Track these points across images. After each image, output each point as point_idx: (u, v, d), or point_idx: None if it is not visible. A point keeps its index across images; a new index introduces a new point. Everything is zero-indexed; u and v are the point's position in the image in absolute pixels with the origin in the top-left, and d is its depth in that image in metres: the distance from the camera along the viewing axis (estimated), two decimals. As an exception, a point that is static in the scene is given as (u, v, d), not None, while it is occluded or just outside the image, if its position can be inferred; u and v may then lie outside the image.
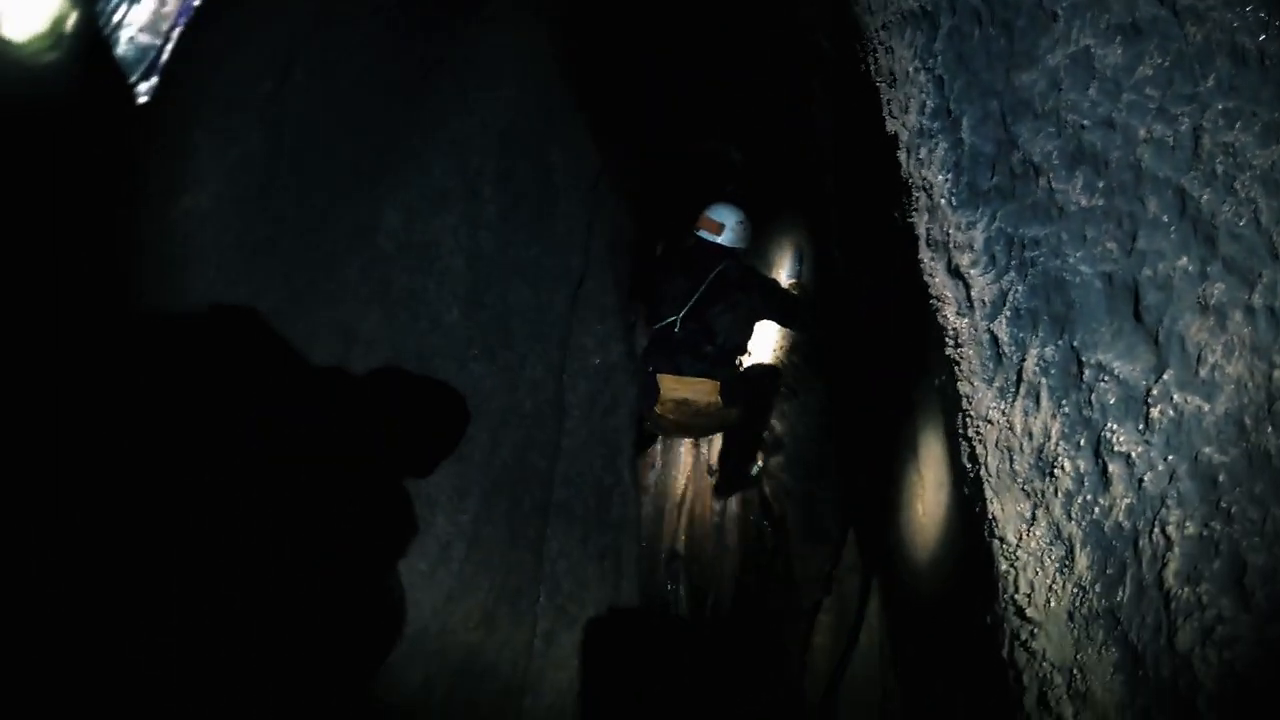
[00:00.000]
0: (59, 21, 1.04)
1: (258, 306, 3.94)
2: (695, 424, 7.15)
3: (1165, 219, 2.06)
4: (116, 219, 3.65)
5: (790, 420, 7.35)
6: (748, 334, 6.96)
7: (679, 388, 6.77)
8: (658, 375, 6.74)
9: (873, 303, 4.65)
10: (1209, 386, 1.90)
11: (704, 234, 6.85)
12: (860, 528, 5.67)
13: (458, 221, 4.69)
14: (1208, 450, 1.87)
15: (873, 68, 3.24)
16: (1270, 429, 1.78)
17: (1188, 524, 1.89)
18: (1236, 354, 1.86)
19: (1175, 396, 1.95)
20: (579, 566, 5.08)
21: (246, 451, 3.68)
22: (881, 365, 4.65)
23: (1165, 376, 1.98)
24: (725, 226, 6.84)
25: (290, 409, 3.91)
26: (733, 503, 7.99)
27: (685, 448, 9.01)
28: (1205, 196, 1.98)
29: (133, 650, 3.15)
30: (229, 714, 3.41)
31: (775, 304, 6.88)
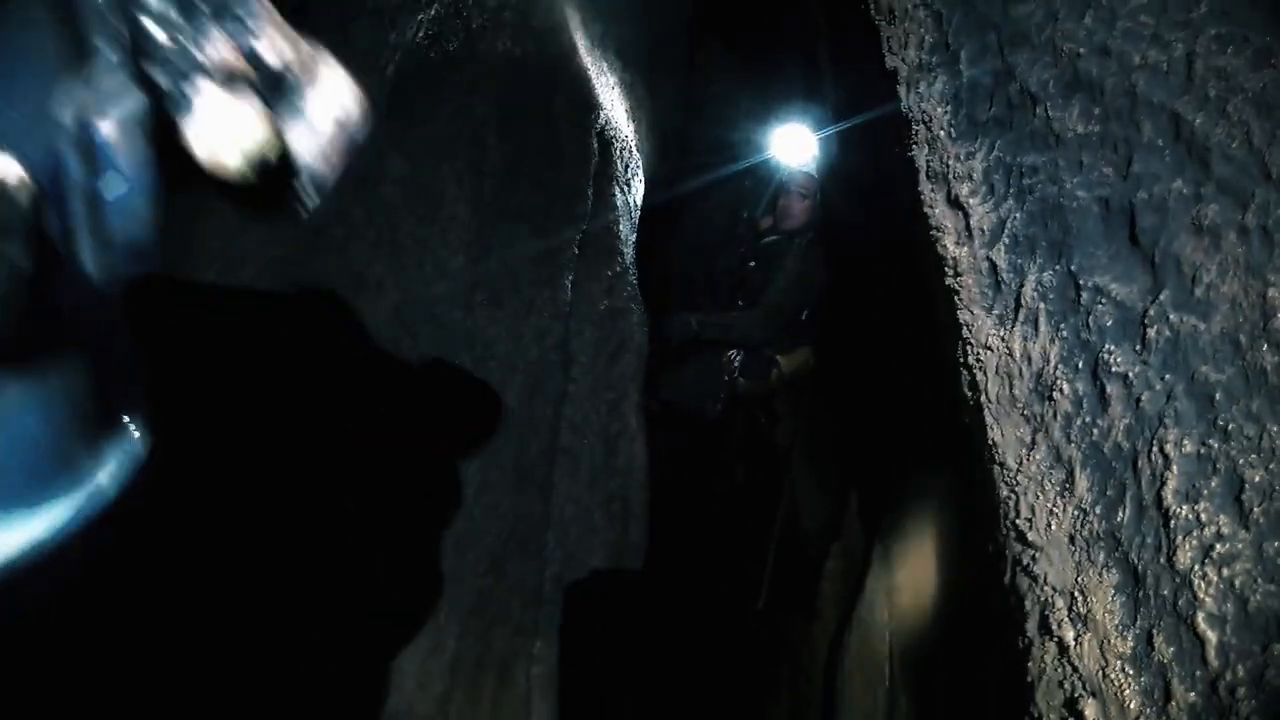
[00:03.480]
0: (267, 149, 1.08)
1: (270, 253, 3.95)
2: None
3: (1160, 143, 2.07)
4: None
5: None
6: None
7: (795, 361, 7.19)
8: (777, 357, 7.14)
9: (869, 241, 4.67)
10: (1205, 306, 1.91)
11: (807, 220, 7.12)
12: (863, 476, 5.69)
13: (463, 168, 4.68)
14: (1204, 369, 1.89)
15: (873, 6, 3.25)
16: (1265, 346, 1.79)
17: (1185, 442, 1.90)
18: (1231, 273, 1.87)
19: (1171, 316, 1.96)
20: (587, 513, 5.10)
21: (254, 400, 3.69)
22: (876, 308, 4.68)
23: (1161, 297, 1.99)
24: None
25: (299, 356, 3.92)
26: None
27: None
28: (1199, 120, 1.99)
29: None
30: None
31: None
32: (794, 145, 7.65)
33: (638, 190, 6.32)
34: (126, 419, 1.32)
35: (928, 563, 4.08)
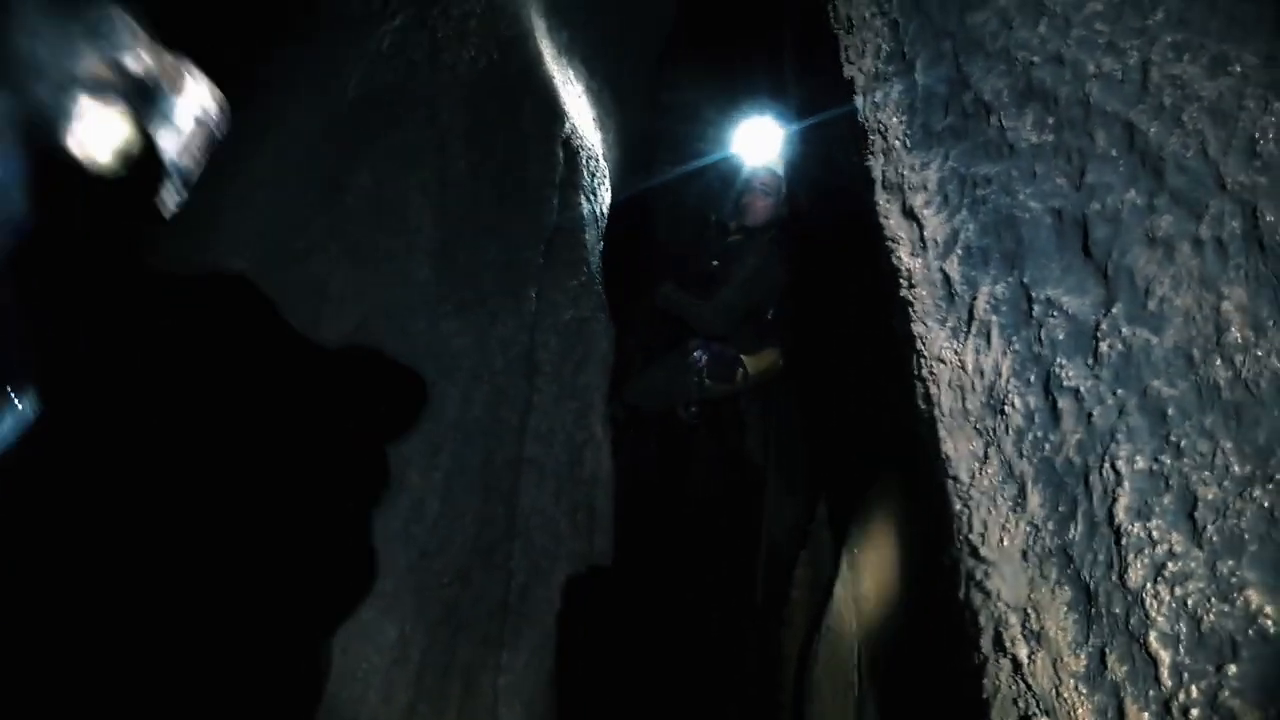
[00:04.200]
0: (130, 146, 1.31)
1: (231, 266, 3.93)
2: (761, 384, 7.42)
3: (1114, 153, 2.06)
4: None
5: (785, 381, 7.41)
6: None
7: (762, 362, 7.17)
8: (743, 356, 7.10)
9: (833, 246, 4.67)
10: (1157, 319, 1.89)
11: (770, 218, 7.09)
12: (832, 479, 5.69)
13: (428, 178, 4.66)
14: (1156, 383, 1.87)
15: (832, 15, 3.23)
16: (1219, 361, 1.77)
17: (1137, 458, 1.88)
18: (1185, 286, 1.85)
19: (1124, 330, 1.94)
20: (552, 522, 5.08)
21: (215, 411, 3.67)
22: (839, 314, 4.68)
23: (1114, 310, 1.97)
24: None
25: (261, 368, 3.90)
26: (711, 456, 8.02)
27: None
28: (1153, 129, 1.97)
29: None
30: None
31: None
32: (759, 143, 7.68)
33: (604, 198, 6.30)
34: (11, 391, 1.51)
35: (892, 572, 4.08)
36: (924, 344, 2.56)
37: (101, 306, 2.98)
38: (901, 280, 2.67)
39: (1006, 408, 2.23)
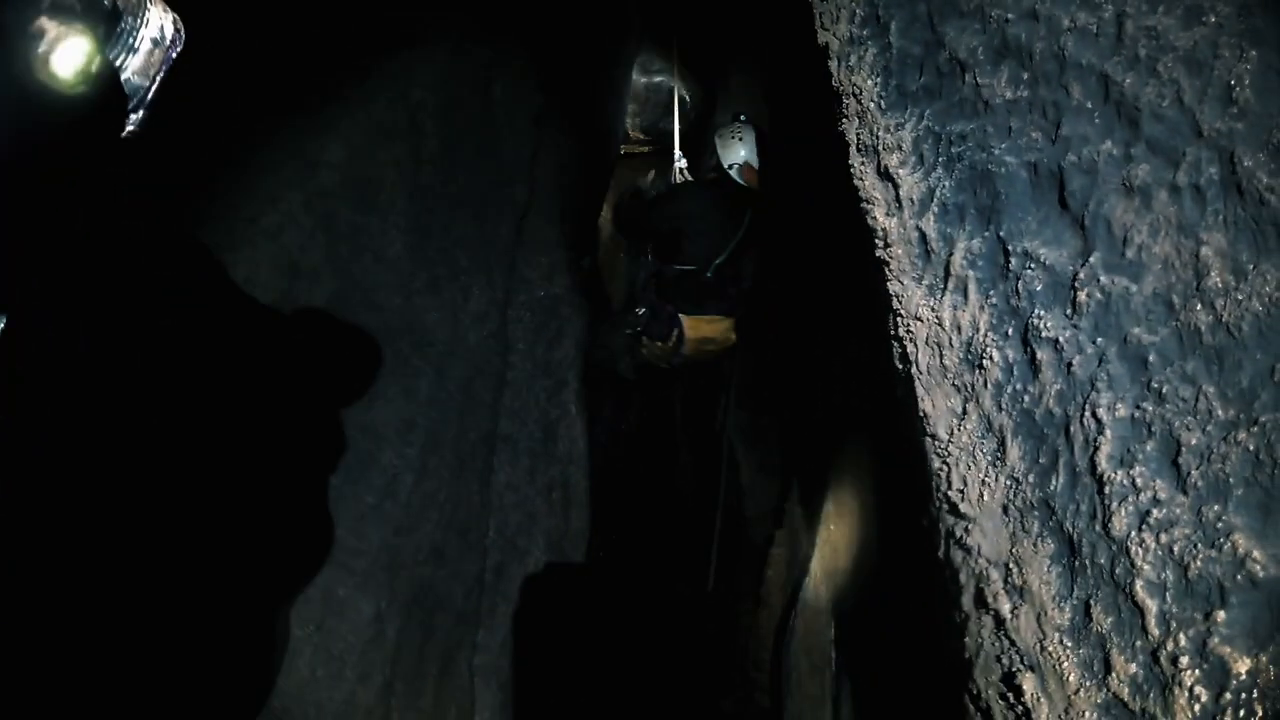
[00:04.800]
0: (89, 62, 1.37)
1: (198, 239, 3.91)
2: (705, 358, 7.23)
3: (1089, 105, 2.05)
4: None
5: (742, 355, 7.34)
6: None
7: (702, 327, 6.87)
8: (681, 316, 6.81)
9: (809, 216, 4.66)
10: (1136, 267, 1.89)
11: (738, 177, 6.71)
12: (804, 456, 5.68)
13: (401, 154, 4.65)
14: (1136, 331, 1.86)
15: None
16: (1199, 306, 1.77)
17: (1119, 406, 1.88)
18: (1163, 233, 1.85)
19: (1102, 279, 1.94)
20: (527, 500, 5.08)
21: (187, 385, 3.64)
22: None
23: (1092, 260, 1.97)
24: (756, 171, 6.73)
25: (232, 344, 3.88)
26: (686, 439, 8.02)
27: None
28: (1128, 80, 1.96)
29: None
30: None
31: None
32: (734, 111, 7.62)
33: (576, 175, 6.29)
34: None
35: (864, 541, 4.08)
36: (901, 302, 2.56)
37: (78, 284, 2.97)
38: (878, 241, 2.67)
39: (985, 362, 2.22)
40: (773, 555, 5.92)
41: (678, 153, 7.75)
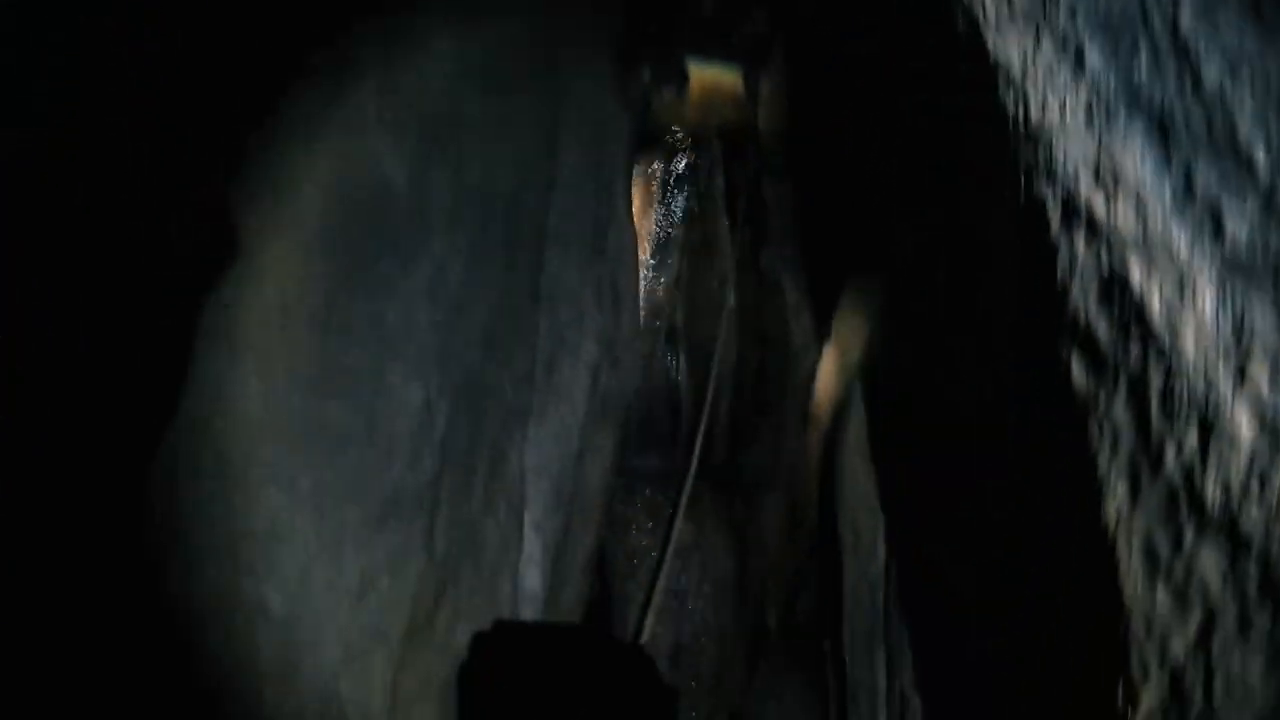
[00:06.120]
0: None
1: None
2: (717, 118, 7.07)
3: None
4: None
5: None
6: None
7: (707, 76, 6.88)
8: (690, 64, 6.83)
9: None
10: None
11: None
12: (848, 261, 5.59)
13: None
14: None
15: None
16: None
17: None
18: None
19: None
20: (576, 293, 5.06)
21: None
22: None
23: None
24: None
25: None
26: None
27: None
28: None
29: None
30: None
31: None
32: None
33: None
34: None
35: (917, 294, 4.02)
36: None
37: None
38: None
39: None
40: (820, 369, 5.86)
41: None
